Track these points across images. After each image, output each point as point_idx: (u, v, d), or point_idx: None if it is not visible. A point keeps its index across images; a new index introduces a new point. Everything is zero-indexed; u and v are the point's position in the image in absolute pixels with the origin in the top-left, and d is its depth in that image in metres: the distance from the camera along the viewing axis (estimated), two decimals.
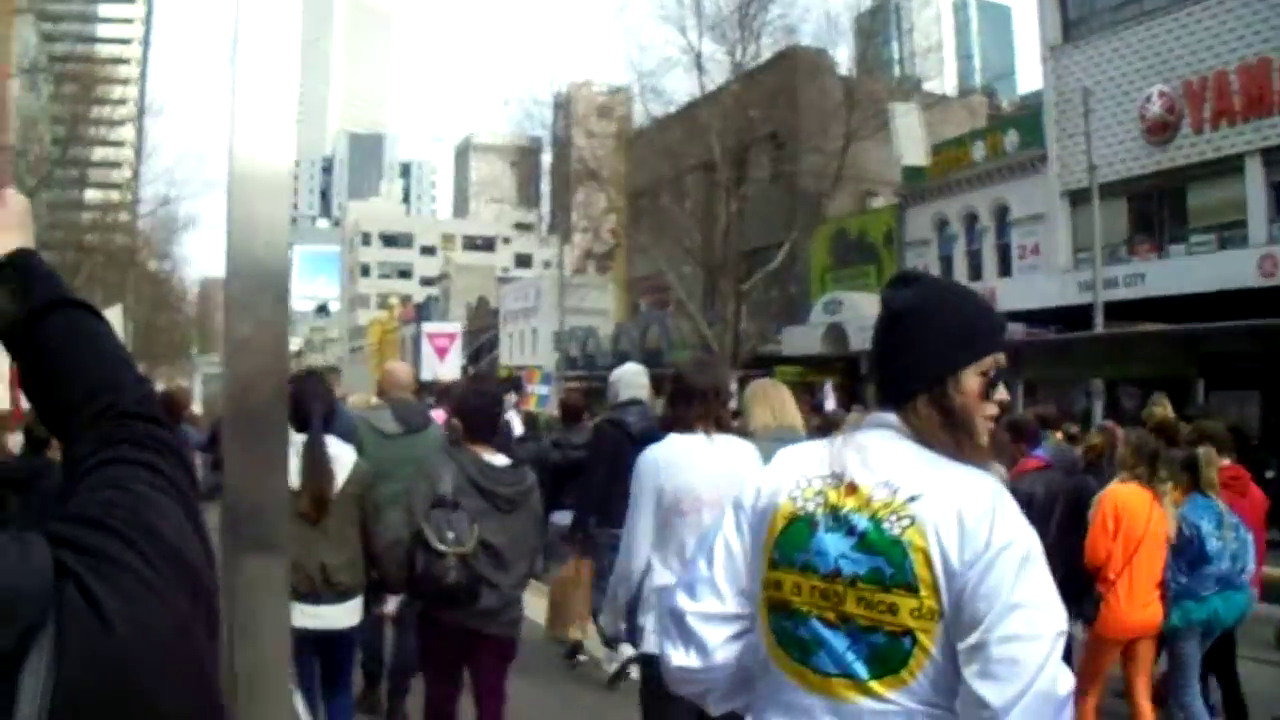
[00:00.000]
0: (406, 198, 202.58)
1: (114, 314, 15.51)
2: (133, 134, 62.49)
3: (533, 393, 26.46)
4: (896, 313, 2.35)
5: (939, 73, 50.45)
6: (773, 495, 2.32)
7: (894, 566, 2.10)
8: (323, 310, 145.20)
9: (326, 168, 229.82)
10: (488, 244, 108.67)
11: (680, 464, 4.77)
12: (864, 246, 35.08)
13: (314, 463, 5.57)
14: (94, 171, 49.84)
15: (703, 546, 2.47)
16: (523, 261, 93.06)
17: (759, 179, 36.81)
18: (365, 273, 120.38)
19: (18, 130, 38.55)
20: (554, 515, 9.00)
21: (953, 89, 58.50)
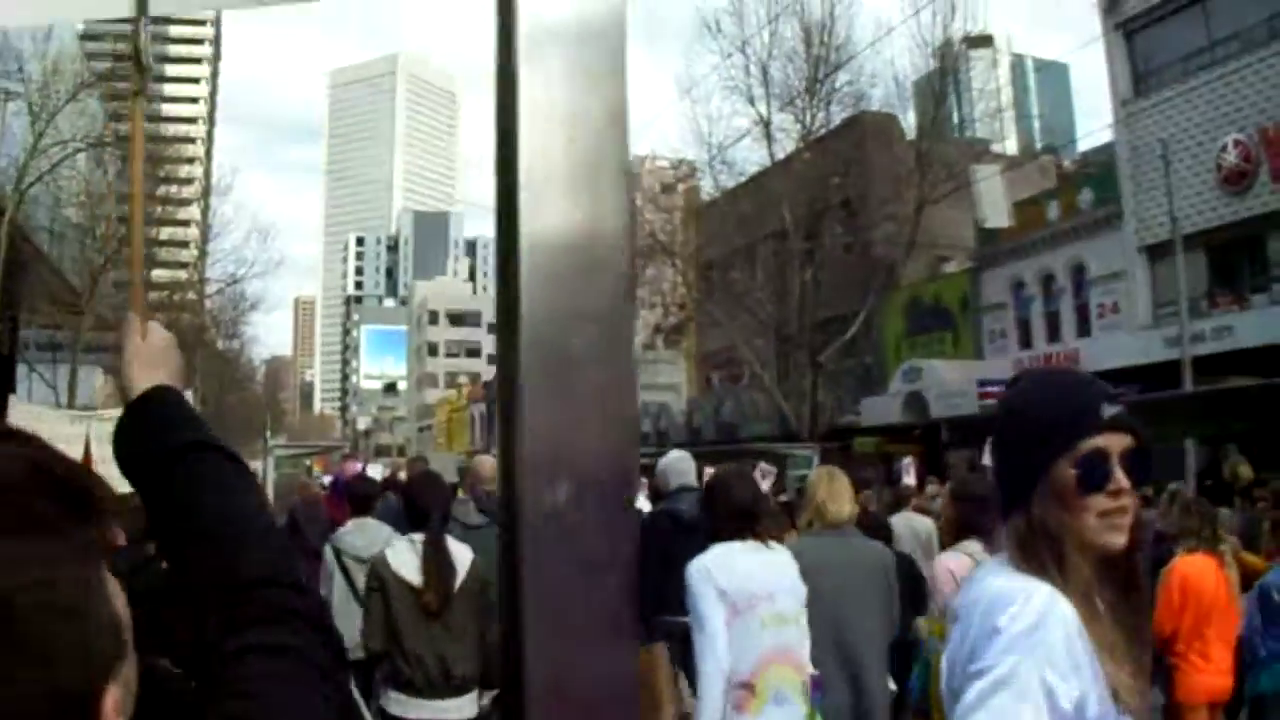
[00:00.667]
0: (472, 275, 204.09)
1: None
2: (198, 213, 63.54)
3: None
4: (994, 424, 2.22)
5: (1004, 134, 50.41)
6: None
7: (922, 690, 2.08)
8: (391, 389, 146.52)
9: (392, 246, 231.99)
10: None
11: (726, 566, 5.04)
12: (939, 312, 34.81)
13: (435, 560, 5.73)
14: (161, 250, 50.58)
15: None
16: None
17: (832, 247, 36.66)
18: (433, 351, 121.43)
19: (85, 207, 39.17)
20: None
21: (1014, 149, 58.32)
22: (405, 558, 5.81)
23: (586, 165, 1.24)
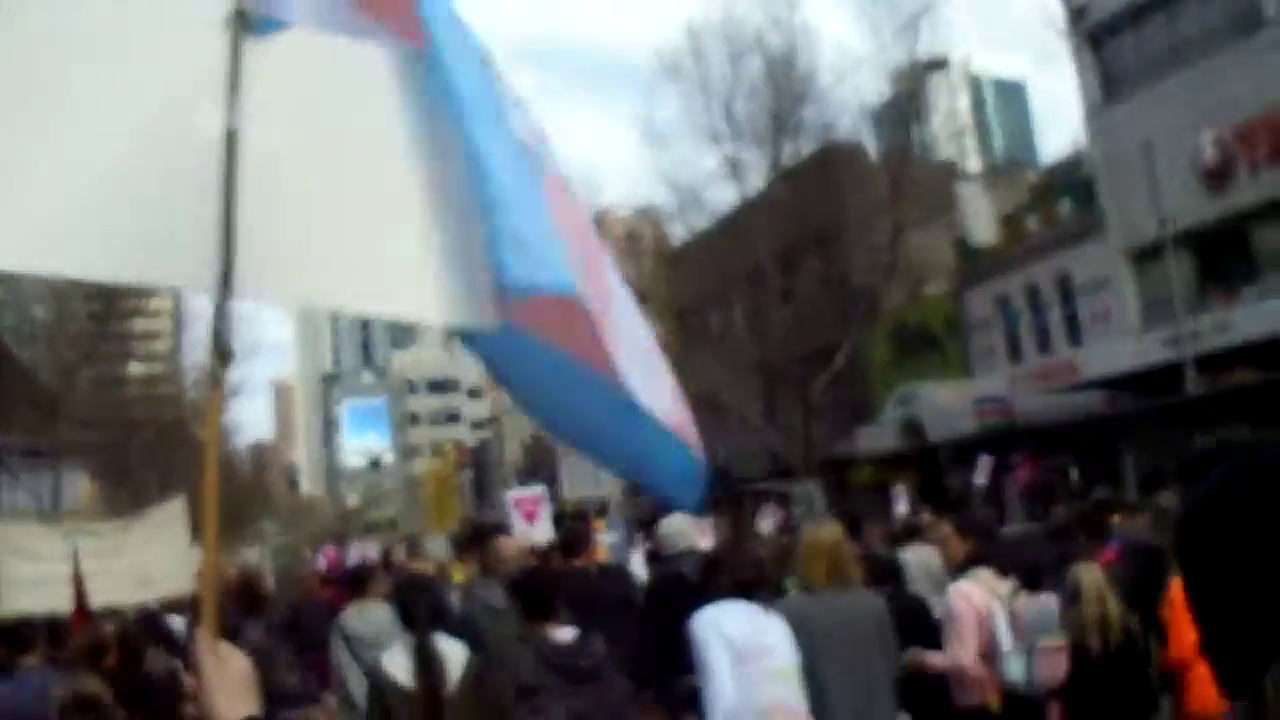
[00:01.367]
0: (448, 342, 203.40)
1: (177, 508, 15.02)
2: (169, 303, 63.02)
3: (601, 543, 24.11)
4: (1187, 537, 1.30)
5: (966, 155, 50.46)
6: None
7: None
8: (375, 465, 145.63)
9: (364, 321, 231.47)
10: None
11: (730, 619, 5.26)
12: (924, 335, 34.49)
13: (424, 662, 5.63)
14: (135, 344, 50.02)
15: None
16: None
17: (810, 280, 36.33)
18: (414, 421, 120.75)
19: (52, 309, 38.60)
20: None
21: (977, 169, 58.54)
22: (400, 660, 5.70)
23: None
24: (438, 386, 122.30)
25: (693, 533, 8.47)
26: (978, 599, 6.44)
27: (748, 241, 34.40)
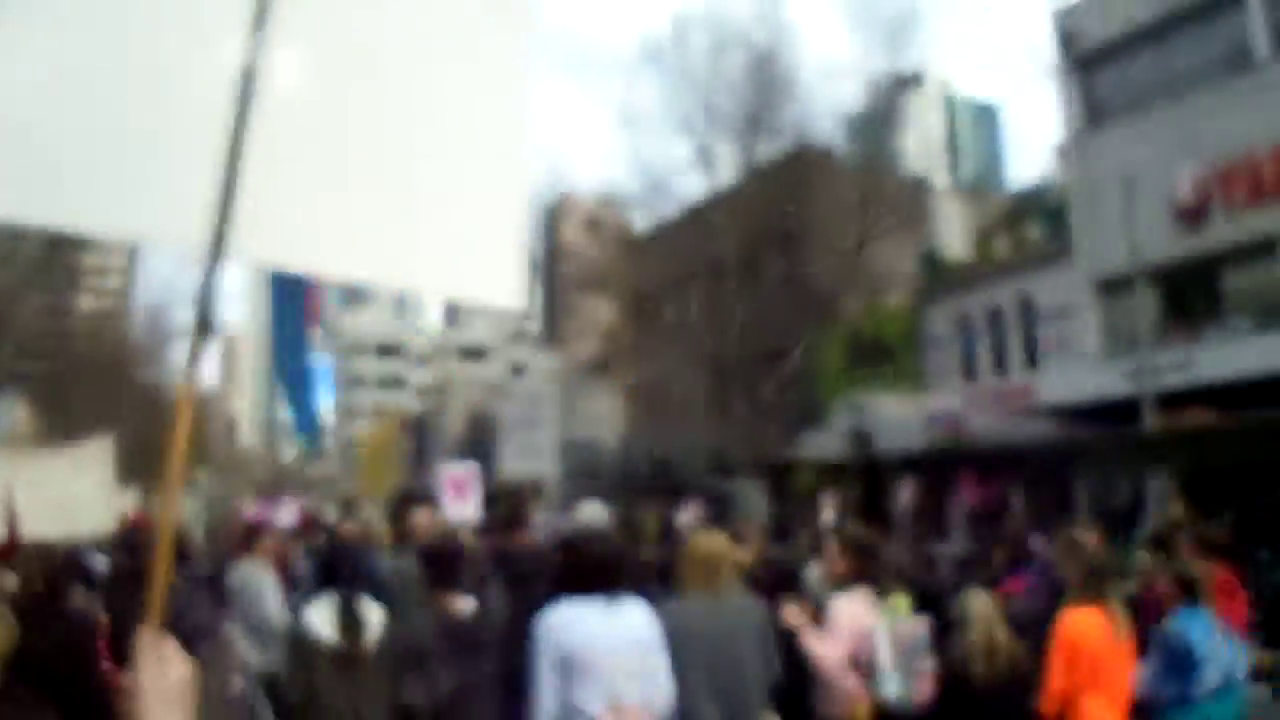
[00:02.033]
0: (399, 308, 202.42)
1: (105, 446, 14.82)
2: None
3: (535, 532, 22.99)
4: None
5: (936, 172, 50.48)
6: None
7: None
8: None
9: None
10: (481, 353, 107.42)
11: (571, 624, 5.02)
12: (880, 346, 34.10)
13: (345, 620, 5.90)
14: (86, 277, 49.06)
15: None
16: (518, 371, 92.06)
17: (771, 280, 35.99)
18: (359, 383, 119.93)
19: (4, 228, 37.54)
20: None
21: (945, 186, 58.69)
22: (323, 616, 5.91)
23: None
24: (386, 350, 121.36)
25: (603, 520, 8.94)
26: (852, 614, 6.58)
27: (712, 234, 34.10)
